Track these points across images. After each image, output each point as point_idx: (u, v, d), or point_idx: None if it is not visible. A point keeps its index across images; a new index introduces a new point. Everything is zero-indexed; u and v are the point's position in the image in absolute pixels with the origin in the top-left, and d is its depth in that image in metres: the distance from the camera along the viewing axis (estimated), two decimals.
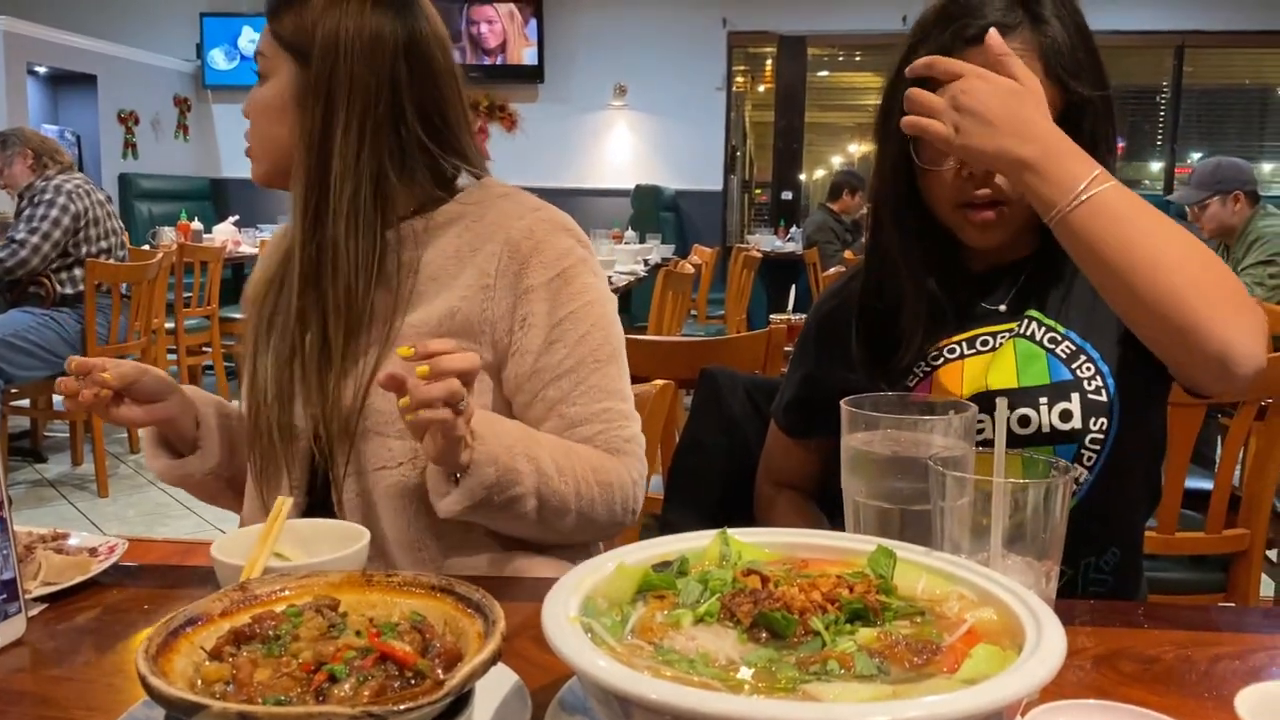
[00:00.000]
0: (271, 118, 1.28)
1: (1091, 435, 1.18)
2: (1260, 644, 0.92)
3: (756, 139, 10.67)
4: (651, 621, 0.69)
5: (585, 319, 1.27)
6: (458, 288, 1.26)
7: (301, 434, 1.28)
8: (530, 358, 1.25)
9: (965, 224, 1.20)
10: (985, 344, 1.24)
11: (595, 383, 1.27)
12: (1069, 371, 1.19)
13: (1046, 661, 0.60)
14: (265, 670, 0.66)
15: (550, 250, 1.28)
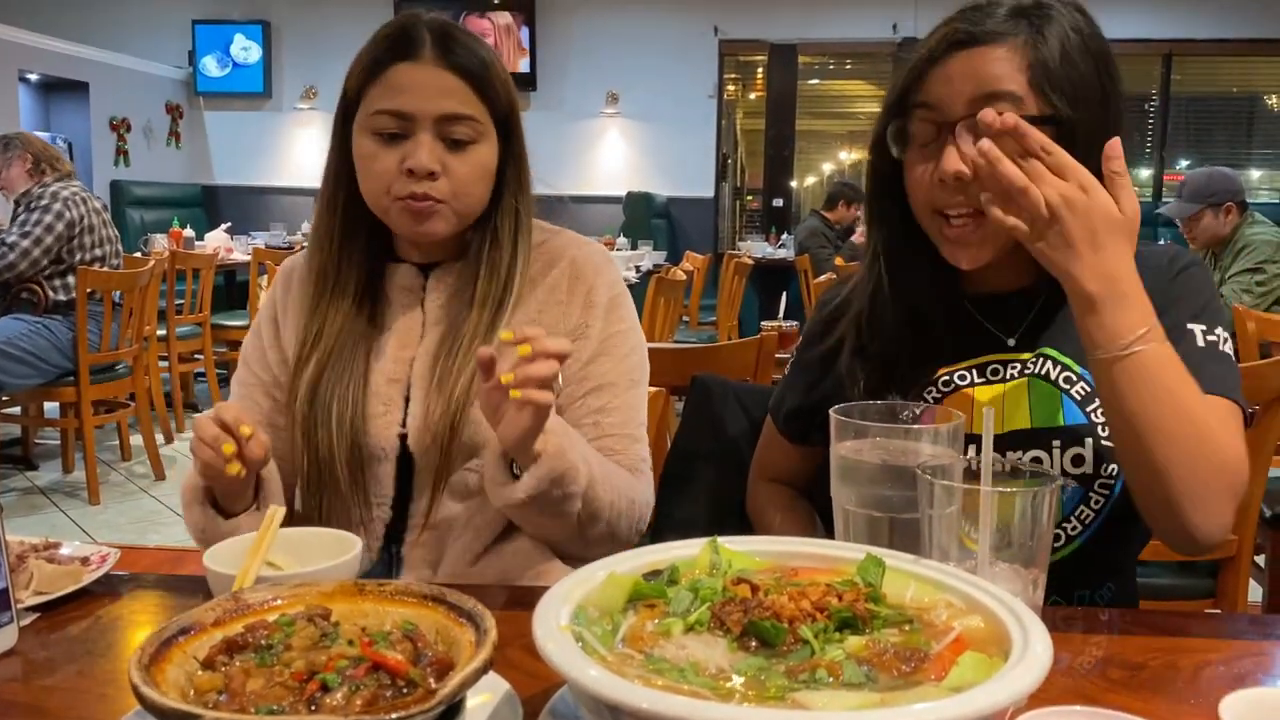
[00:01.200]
0: (485, 181, 1.34)
1: (1101, 480, 1.17)
2: (1246, 650, 0.93)
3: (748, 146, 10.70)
4: (642, 630, 0.69)
5: (628, 341, 1.39)
6: (532, 303, 1.38)
7: (385, 456, 1.34)
8: (580, 364, 1.35)
9: (940, 237, 1.18)
10: (995, 373, 1.21)
11: (628, 400, 1.37)
12: (1084, 415, 1.17)
13: (1033, 669, 0.61)
14: (258, 679, 0.67)
15: (609, 274, 1.41)
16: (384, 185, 1.30)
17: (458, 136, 1.29)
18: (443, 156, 1.29)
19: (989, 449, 0.87)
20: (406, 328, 1.38)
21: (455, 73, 1.29)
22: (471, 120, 1.30)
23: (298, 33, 9.65)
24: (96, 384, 4.34)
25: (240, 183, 9.84)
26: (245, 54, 9.74)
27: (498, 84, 1.32)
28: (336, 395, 1.33)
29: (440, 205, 1.30)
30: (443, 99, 1.28)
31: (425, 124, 1.28)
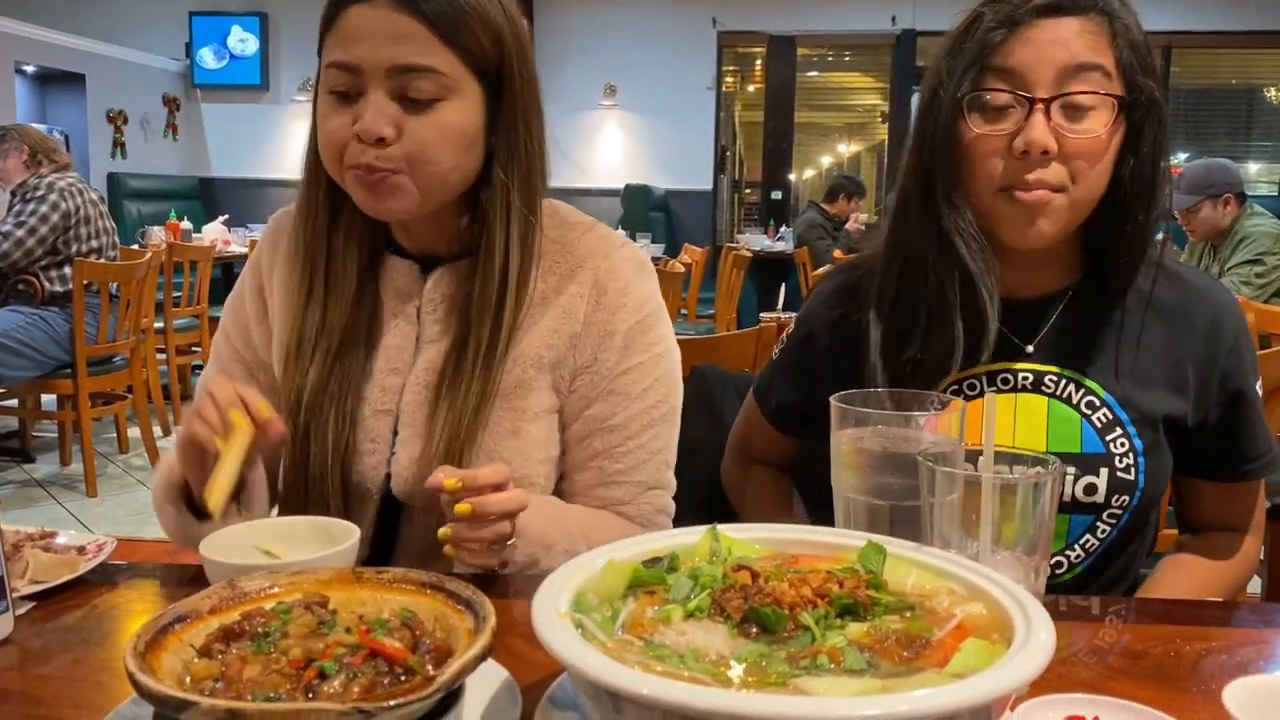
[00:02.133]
0: (458, 146, 1.11)
1: (1110, 511, 1.16)
2: (1248, 638, 0.92)
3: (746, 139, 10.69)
4: (642, 617, 0.69)
5: (651, 373, 1.21)
6: (540, 332, 1.18)
7: (369, 497, 1.20)
8: (584, 403, 1.20)
9: (1010, 208, 1.10)
10: (1006, 382, 1.18)
11: (643, 442, 1.20)
12: (1102, 444, 1.15)
13: (1036, 656, 0.60)
14: (255, 667, 0.66)
15: (636, 294, 1.21)
16: (336, 152, 1.10)
17: (414, 94, 1.07)
18: (399, 117, 1.07)
19: (990, 435, 0.86)
20: (398, 345, 1.20)
21: (412, 14, 1.06)
22: (432, 73, 1.07)
23: (295, 24, 9.62)
24: (94, 376, 4.33)
25: (238, 175, 9.81)
26: (242, 46, 9.71)
27: (476, 27, 1.08)
28: (334, 413, 1.18)
29: (396, 177, 1.09)
30: (394, 47, 1.06)
31: (376, 78, 1.07)
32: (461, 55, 1.08)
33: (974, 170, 1.11)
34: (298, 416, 1.17)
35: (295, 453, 1.18)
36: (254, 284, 1.29)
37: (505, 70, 1.13)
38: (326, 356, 1.18)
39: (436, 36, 1.07)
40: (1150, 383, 1.17)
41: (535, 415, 1.19)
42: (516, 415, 1.18)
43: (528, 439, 1.19)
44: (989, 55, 1.08)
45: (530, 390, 1.18)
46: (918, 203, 1.15)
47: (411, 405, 1.18)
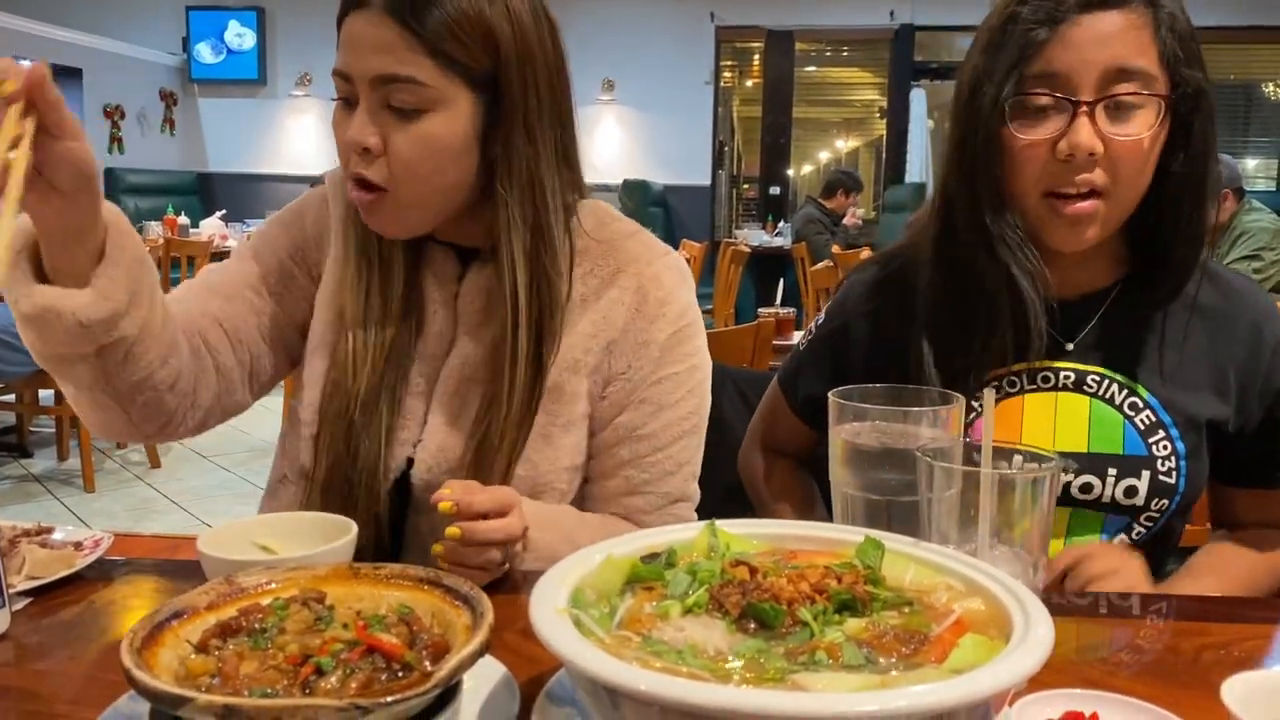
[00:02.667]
0: (444, 159, 1.08)
1: (1149, 514, 1.15)
2: (1247, 634, 0.92)
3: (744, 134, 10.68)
4: (640, 613, 0.69)
5: (684, 384, 1.20)
6: (578, 337, 1.17)
7: (390, 477, 1.17)
8: (615, 410, 1.19)
9: (1054, 217, 1.09)
10: (1046, 380, 1.17)
11: (671, 453, 1.20)
12: (1145, 446, 1.14)
13: (1034, 651, 0.60)
14: (251, 663, 0.66)
15: (676, 304, 1.20)
16: (344, 161, 1.10)
17: (397, 104, 1.05)
18: (385, 129, 1.06)
19: (989, 431, 0.86)
20: (438, 331, 1.19)
21: (398, 23, 1.03)
22: (412, 83, 1.04)
23: (293, 19, 9.61)
24: None
25: (235, 170, 9.81)
26: (240, 40, 9.70)
27: (465, 36, 1.05)
28: (386, 404, 1.16)
29: (381, 195, 1.08)
30: (376, 56, 1.04)
31: (363, 88, 1.06)
32: (447, 65, 1.06)
33: (1017, 173, 1.09)
34: (353, 412, 1.15)
35: (343, 448, 1.15)
36: (303, 242, 1.25)
37: (502, 78, 1.09)
38: (382, 354, 1.16)
39: (420, 47, 1.04)
40: (1194, 386, 1.16)
41: (569, 422, 1.18)
42: (549, 420, 1.17)
43: (559, 445, 1.18)
44: (1031, 57, 1.05)
45: (564, 394, 1.17)
46: (964, 205, 1.13)
47: (444, 395, 1.17)
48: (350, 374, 1.16)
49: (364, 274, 1.18)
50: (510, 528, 0.99)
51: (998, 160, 1.09)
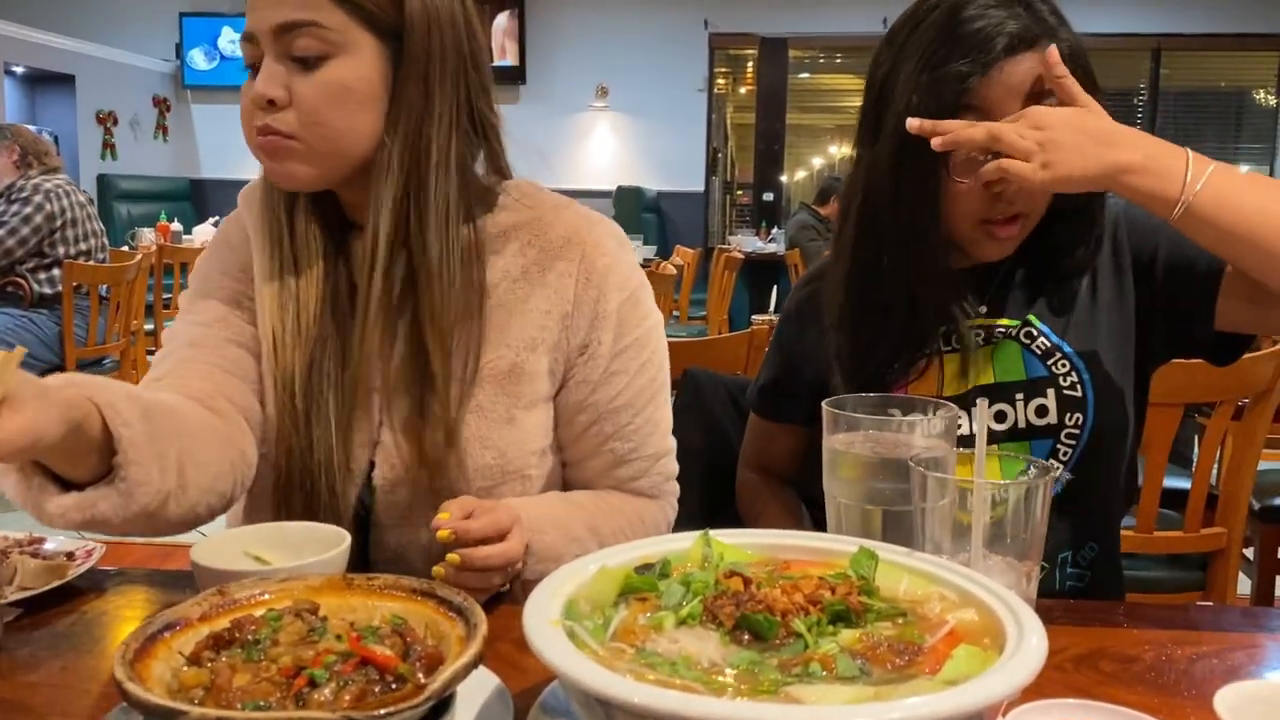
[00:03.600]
0: (350, 106, 1.07)
1: (1067, 430, 1.20)
2: (1239, 643, 0.93)
3: (738, 140, 10.69)
4: (634, 624, 0.69)
5: (646, 347, 1.21)
6: (531, 314, 1.15)
7: (356, 478, 1.15)
8: (588, 388, 1.18)
9: (986, 239, 1.17)
10: (960, 340, 1.24)
11: (648, 414, 1.21)
12: (1044, 368, 1.21)
13: (1028, 662, 0.60)
14: (244, 675, 0.66)
15: (621, 269, 1.19)
16: (247, 122, 1.08)
17: (298, 52, 1.04)
18: (288, 79, 1.05)
19: (982, 441, 0.86)
20: (374, 320, 1.14)
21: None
22: (314, 27, 1.03)
23: None
24: None
25: (228, 176, 9.78)
26: (233, 47, 9.69)
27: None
28: (333, 393, 1.12)
29: (290, 141, 1.06)
30: (277, 7, 1.04)
31: (267, 43, 1.05)
32: (348, 9, 1.05)
33: (955, 206, 1.16)
34: (294, 399, 1.12)
35: (294, 440, 1.12)
36: (239, 261, 1.22)
37: (405, 24, 1.07)
38: (310, 336, 1.13)
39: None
40: (1070, 302, 1.23)
41: (531, 403, 1.17)
42: (511, 401, 1.15)
43: (523, 427, 1.16)
44: (964, 100, 1.10)
45: (525, 375, 1.16)
46: (893, 233, 1.18)
47: (395, 391, 1.14)
48: (282, 360, 1.13)
49: (278, 261, 1.15)
50: (510, 552, 0.98)
51: (935, 194, 1.15)
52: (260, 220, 1.18)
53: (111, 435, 0.89)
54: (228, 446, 1.09)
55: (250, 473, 1.13)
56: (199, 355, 1.15)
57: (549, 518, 1.11)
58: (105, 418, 0.88)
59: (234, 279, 1.21)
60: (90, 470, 0.90)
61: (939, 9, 1.14)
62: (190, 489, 0.99)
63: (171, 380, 1.12)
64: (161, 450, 0.94)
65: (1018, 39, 1.10)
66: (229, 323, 1.19)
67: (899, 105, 1.13)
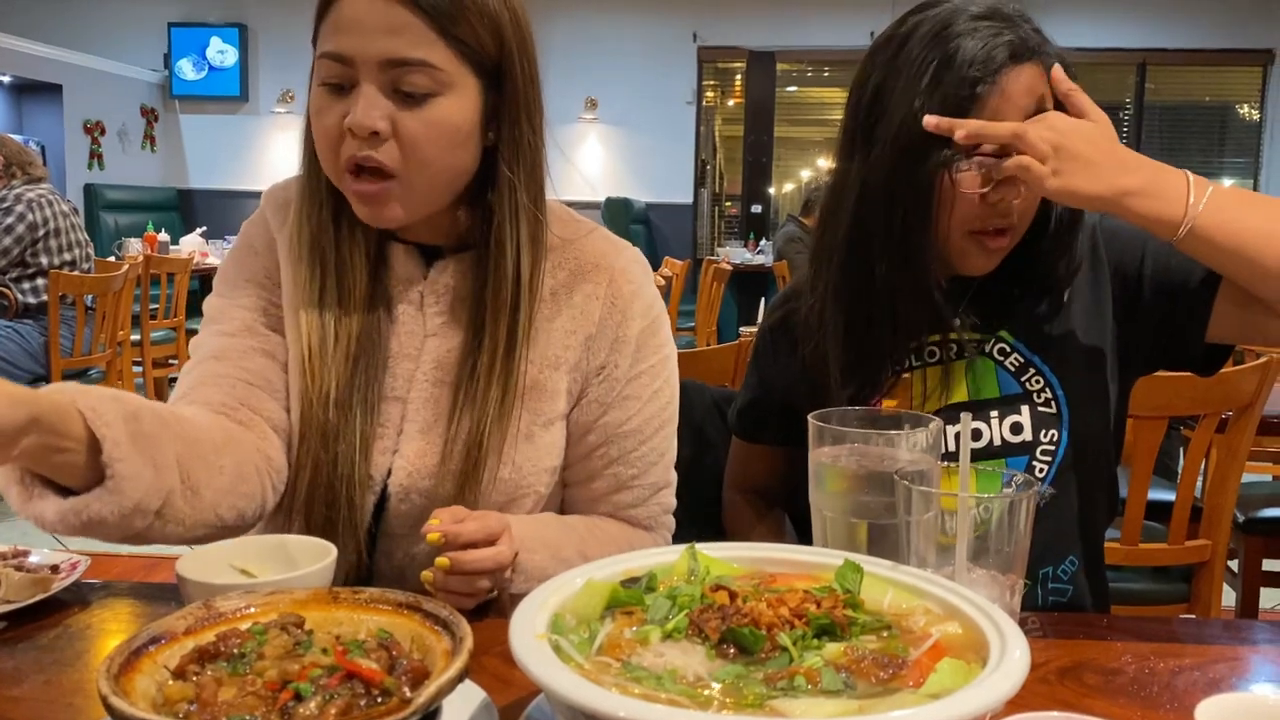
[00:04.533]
0: (453, 144, 1.08)
1: (1043, 447, 1.20)
2: (1221, 655, 0.93)
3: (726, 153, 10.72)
4: (619, 638, 0.69)
5: (659, 375, 1.22)
6: (555, 333, 1.18)
7: (374, 488, 1.15)
8: (600, 409, 1.19)
9: (976, 250, 1.17)
10: (932, 355, 1.24)
11: (654, 444, 1.22)
12: (1018, 384, 1.22)
13: (1011, 675, 0.61)
14: (230, 689, 0.66)
15: (645, 297, 1.21)
16: (331, 146, 1.07)
17: (408, 88, 1.04)
18: (392, 112, 1.04)
19: (966, 455, 0.87)
20: (408, 331, 1.17)
21: (407, 5, 1.02)
22: (427, 67, 1.04)
23: (275, 36, 9.60)
24: None
25: (216, 186, 9.77)
26: (222, 57, 9.69)
27: (474, 19, 1.05)
28: (360, 407, 1.13)
29: (390, 184, 1.07)
30: (387, 39, 1.02)
31: (368, 70, 1.03)
32: (458, 49, 1.05)
33: (949, 216, 1.15)
34: (327, 413, 1.12)
35: (322, 454, 1.12)
36: (263, 267, 1.22)
37: (506, 64, 1.09)
38: (349, 353, 1.14)
39: (432, 29, 1.03)
40: (1043, 318, 1.23)
41: (549, 420, 1.18)
42: (532, 418, 1.17)
43: (540, 444, 1.18)
44: (971, 109, 1.10)
45: (545, 392, 1.17)
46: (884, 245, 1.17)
47: (418, 400, 1.16)
48: (320, 375, 1.13)
49: (317, 272, 1.15)
50: (499, 557, 0.99)
51: (931, 203, 1.14)
52: (298, 234, 1.17)
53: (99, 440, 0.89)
54: (251, 452, 1.10)
55: (280, 478, 1.14)
56: (221, 368, 1.15)
57: (540, 537, 1.11)
58: (86, 419, 0.88)
59: (259, 285, 1.21)
60: (85, 477, 0.90)
61: (925, 25, 1.15)
62: (203, 490, 1.00)
63: (194, 395, 1.14)
64: (153, 449, 0.94)
65: (1016, 50, 1.11)
66: (255, 331, 1.19)
67: (896, 116, 1.13)
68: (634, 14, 9.37)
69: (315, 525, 1.13)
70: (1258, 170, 9.36)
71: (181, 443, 0.99)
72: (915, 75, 1.13)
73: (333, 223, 1.15)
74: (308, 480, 1.14)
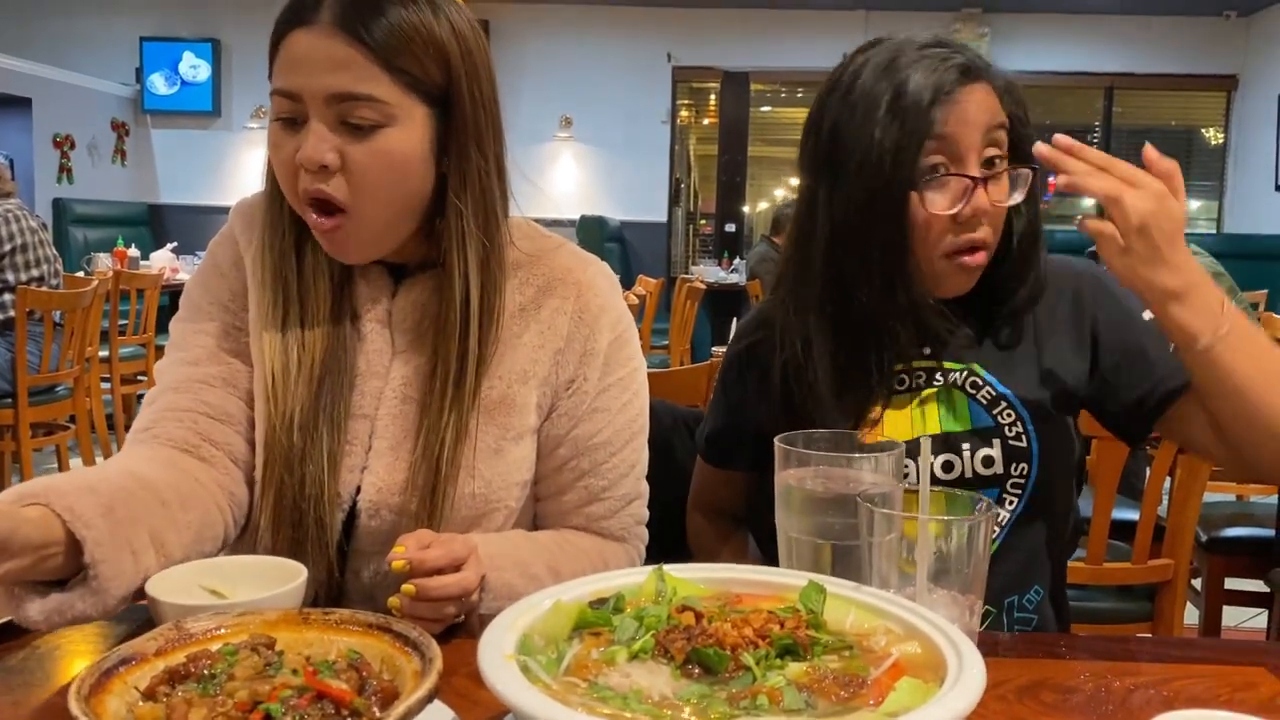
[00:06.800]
0: (403, 174, 1.09)
1: (1013, 480, 1.22)
2: (1177, 673, 0.95)
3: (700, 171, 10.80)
4: (586, 658, 0.70)
5: (629, 387, 1.24)
6: (523, 348, 1.19)
7: (343, 505, 1.16)
8: (570, 422, 1.21)
9: (955, 271, 1.18)
10: (902, 383, 1.25)
11: (625, 455, 1.23)
12: (990, 417, 1.22)
13: (966, 694, 0.62)
14: (200, 710, 0.66)
15: (613, 310, 1.23)
16: (288, 179, 1.09)
17: (355, 121, 1.05)
18: (341, 145, 1.06)
19: (926, 479, 0.89)
20: (377, 350, 1.18)
21: (352, 40, 1.03)
22: (373, 101, 1.05)
23: (248, 51, 9.58)
24: (35, 406, 4.25)
25: (187, 202, 9.71)
26: (194, 72, 9.65)
27: (420, 51, 1.06)
28: (326, 427, 1.14)
29: (341, 219, 1.08)
30: (332, 74, 1.04)
31: (316, 106, 1.05)
32: (403, 81, 1.06)
33: (923, 240, 1.16)
34: (291, 437, 1.13)
35: (287, 477, 1.13)
36: (229, 288, 1.23)
37: (454, 93, 1.10)
38: (313, 375, 1.15)
39: (376, 63, 1.05)
40: (1014, 353, 1.25)
41: (519, 435, 1.19)
42: (500, 432, 1.18)
43: (509, 459, 1.18)
44: (929, 130, 1.13)
45: (514, 407, 1.18)
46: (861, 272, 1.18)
47: (387, 416, 1.17)
48: (283, 399, 1.14)
49: (280, 299, 1.16)
50: (465, 582, 0.99)
51: (903, 230, 1.16)
52: (262, 257, 1.18)
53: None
54: (214, 495, 1.12)
55: (242, 511, 1.16)
56: (182, 401, 1.17)
57: (509, 555, 1.12)
58: (65, 522, 0.89)
59: (223, 308, 1.22)
60: (63, 570, 0.91)
61: (872, 61, 1.18)
62: (175, 552, 1.01)
63: (157, 429, 1.15)
64: (130, 539, 0.95)
65: (966, 70, 1.15)
66: (216, 359, 1.20)
67: (857, 150, 1.15)
68: (609, 34, 9.42)
69: (282, 545, 1.13)
70: (1222, 193, 9.53)
71: (152, 515, 1.00)
72: (871, 108, 1.15)
73: (294, 250, 1.17)
74: (272, 502, 1.14)
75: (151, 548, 0.98)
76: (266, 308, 1.17)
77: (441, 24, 1.09)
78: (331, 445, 1.14)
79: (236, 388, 1.19)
